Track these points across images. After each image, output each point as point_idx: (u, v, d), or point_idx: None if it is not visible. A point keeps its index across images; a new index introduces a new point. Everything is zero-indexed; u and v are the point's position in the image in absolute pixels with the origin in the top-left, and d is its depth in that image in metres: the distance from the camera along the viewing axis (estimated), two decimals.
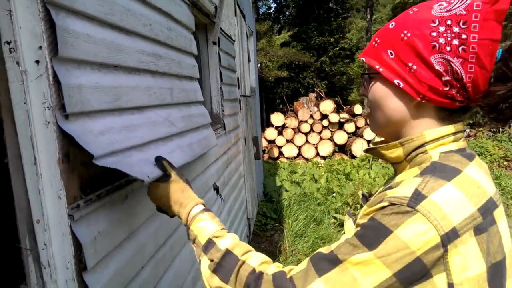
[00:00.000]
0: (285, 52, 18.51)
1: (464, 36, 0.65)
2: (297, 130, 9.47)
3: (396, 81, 0.71)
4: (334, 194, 6.19)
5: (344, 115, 9.55)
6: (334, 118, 9.37)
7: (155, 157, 1.02)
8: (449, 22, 0.66)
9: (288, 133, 9.42)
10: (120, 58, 1.05)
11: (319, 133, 9.43)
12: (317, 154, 9.45)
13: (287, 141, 9.48)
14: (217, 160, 2.44)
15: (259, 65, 16.49)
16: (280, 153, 9.58)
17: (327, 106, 9.48)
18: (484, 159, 7.59)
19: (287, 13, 22.87)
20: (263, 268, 0.74)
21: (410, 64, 0.69)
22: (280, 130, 9.57)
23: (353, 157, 9.19)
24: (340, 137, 9.49)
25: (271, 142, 9.58)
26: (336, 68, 20.48)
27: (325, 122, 9.46)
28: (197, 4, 2.07)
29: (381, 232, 0.61)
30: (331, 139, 9.48)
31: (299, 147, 9.44)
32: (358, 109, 9.69)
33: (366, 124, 9.46)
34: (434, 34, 0.66)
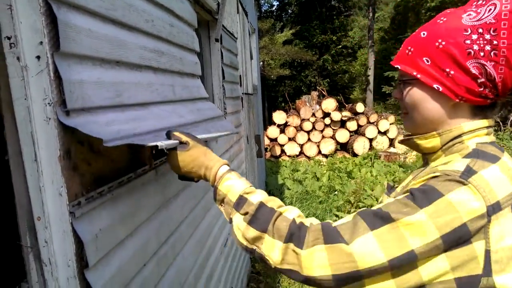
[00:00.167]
0: (287, 50, 18.49)
1: (495, 42, 0.73)
2: (299, 128, 9.46)
3: (436, 86, 0.79)
4: (336, 192, 6.20)
5: (346, 113, 9.53)
6: (336, 116, 9.36)
7: (166, 132, 1.01)
8: (481, 30, 0.74)
9: (290, 131, 9.42)
10: (122, 54, 1.04)
11: (321, 131, 9.42)
12: (319, 152, 9.45)
13: (289, 139, 9.48)
14: None
15: (261, 63, 16.46)
16: (282, 151, 9.58)
17: (329, 104, 9.46)
18: None
19: (289, 11, 22.83)
20: (302, 220, 0.80)
21: (448, 70, 0.77)
22: (282, 128, 9.56)
23: (355, 155, 9.18)
24: (342, 135, 9.49)
25: (273, 140, 9.58)
26: (338, 67, 20.47)
27: (327, 121, 9.45)
28: (200, 1, 2.05)
29: (434, 195, 0.69)
30: (333, 137, 9.47)
31: (301, 145, 9.44)
32: (360, 107, 9.68)
33: (368, 122, 9.46)
34: (468, 42, 0.75)
